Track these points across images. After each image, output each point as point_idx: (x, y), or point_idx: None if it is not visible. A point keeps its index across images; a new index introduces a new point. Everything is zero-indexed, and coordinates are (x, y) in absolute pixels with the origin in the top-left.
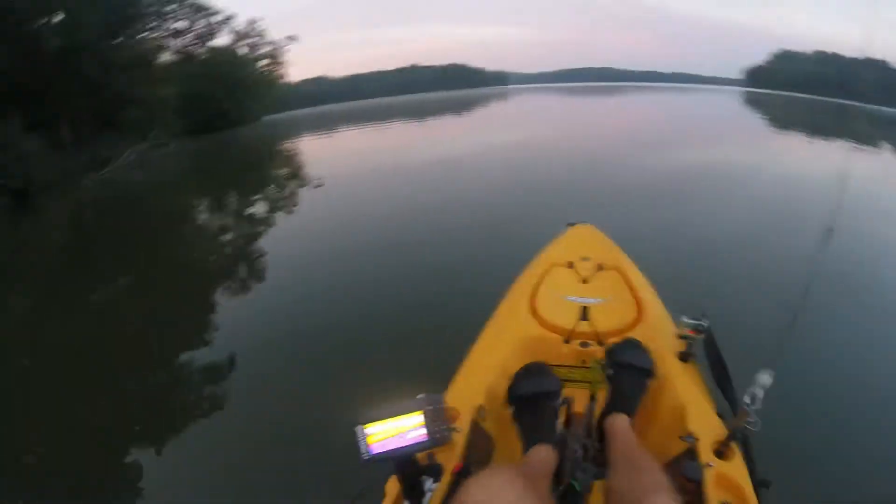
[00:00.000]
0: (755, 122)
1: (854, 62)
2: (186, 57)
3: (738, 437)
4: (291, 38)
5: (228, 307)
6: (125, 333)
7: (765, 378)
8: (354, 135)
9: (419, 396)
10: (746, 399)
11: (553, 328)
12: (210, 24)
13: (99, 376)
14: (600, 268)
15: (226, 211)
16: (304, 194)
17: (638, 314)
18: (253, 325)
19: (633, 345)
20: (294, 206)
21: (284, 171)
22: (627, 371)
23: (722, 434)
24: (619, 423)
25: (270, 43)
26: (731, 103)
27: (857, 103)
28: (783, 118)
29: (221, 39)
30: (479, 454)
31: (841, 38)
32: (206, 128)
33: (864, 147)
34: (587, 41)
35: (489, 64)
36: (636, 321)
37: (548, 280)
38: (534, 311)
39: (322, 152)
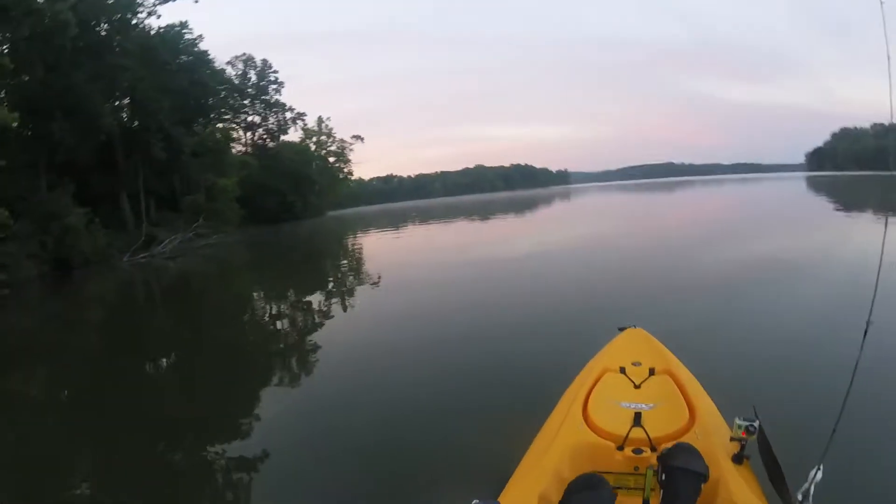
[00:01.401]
0: (807, 208)
1: None
2: (256, 149)
3: None
4: (357, 138)
5: (261, 396)
6: (152, 412)
7: (815, 474)
8: (414, 232)
9: (474, 502)
10: (798, 497)
11: (606, 435)
12: (282, 121)
13: (123, 457)
14: (652, 372)
15: (258, 303)
16: (350, 287)
17: (691, 418)
18: (288, 418)
19: (686, 449)
20: (333, 298)
21: (335, 264)
22: (681, 475)
23: None
24: None
25: (338, 141)
26: (788, 191)
27: None
28: (838, 200)
29: (291, 135)
30: None
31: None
32: (269, 218)
33: None
34: (645, 137)
35: (552, 164)
36: (689, 425)
37: (600, 386)
38: (587, 418)
39: (380, 248)
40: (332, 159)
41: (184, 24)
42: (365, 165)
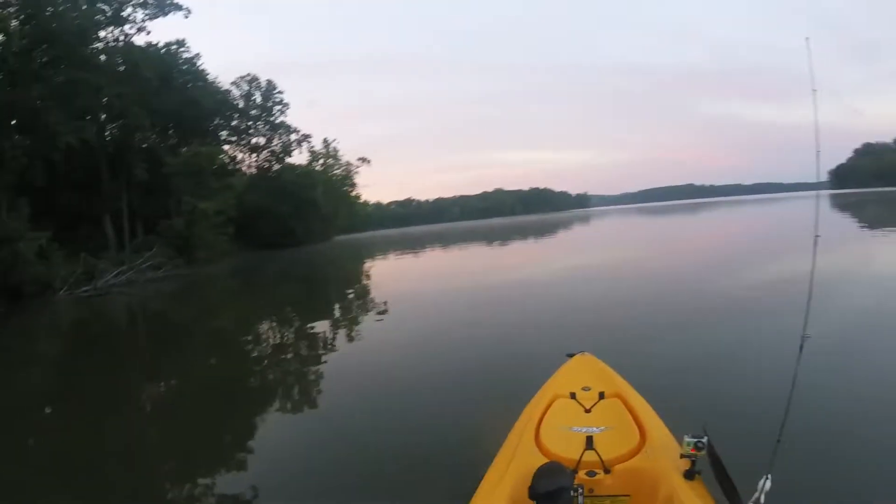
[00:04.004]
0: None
1: None
2: (261, 171)
3: None
4: (363, 160)
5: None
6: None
7: (765, 484)
8: (409, 259)
9: None
10: None
11: (559, 459)
12: (286, 143)
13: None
14: (602, 396)
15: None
16: (297, 323)
17: (641, 439)
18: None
19: None
20: (270, 337)
21: (297, 295)
22: None
23: None
24: None
25: (343, 164)
26: (800, 211)
27: None
28: (851, 218)
29: (298, 158)
30: None
31: None
32: (268, 244)
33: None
34: (665, 159)
35: (571, 187)
36: (640, 446)
37: (551, 412)
38: (539, 444)
39: (366, 274)
40: (337, 183)
41: (180, 42)
42: (384, 189)
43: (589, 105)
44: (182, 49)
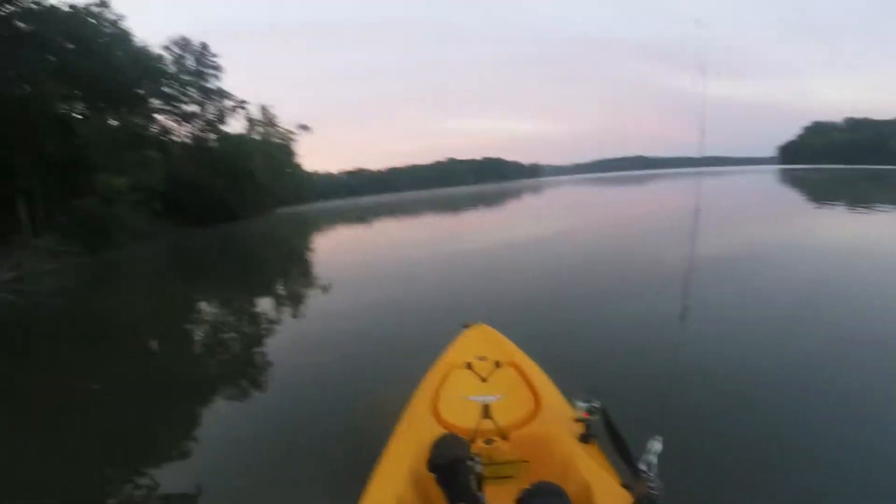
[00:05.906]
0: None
1: (885, 124)
2: (196, 141)
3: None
4: (304, 128)
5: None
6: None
7: (656, 445)
8: (355, 230)
9: None
10: (642, 467)
11: (456, 429)
12: (221, 110)
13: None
14: (497, 365)
15: None
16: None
17: (536, 405)
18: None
19: (545, 491)
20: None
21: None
22: None
23: None
24: None
25: (282, 132)
26: (744, 184)
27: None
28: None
29: (232, 128)
30: None
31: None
32: (199, 220)
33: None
34: (617, 131)
35: (524, 157)
36: (535, 412)
37: (448, 383)
38: (436, 415)
39: (302, 249)
40: (276, 152)
41: (103, 3)
42: (333, 158)
43: (545, 75)
44: (104, 9)
